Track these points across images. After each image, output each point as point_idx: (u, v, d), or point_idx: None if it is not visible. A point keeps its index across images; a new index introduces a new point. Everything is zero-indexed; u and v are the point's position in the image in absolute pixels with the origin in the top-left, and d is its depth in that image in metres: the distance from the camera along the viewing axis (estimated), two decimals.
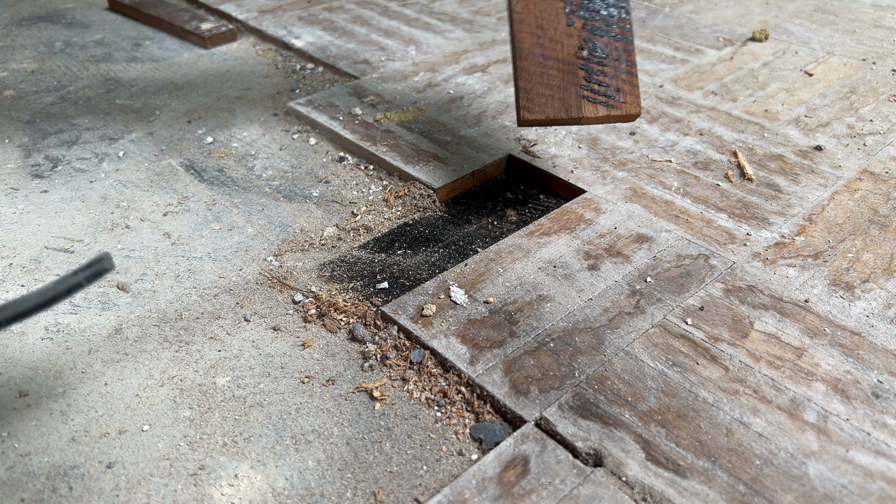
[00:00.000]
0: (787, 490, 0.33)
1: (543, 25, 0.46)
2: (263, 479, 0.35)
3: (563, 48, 0.46)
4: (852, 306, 0.45)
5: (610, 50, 0.46)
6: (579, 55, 0.45)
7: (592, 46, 0.45)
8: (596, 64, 0.45)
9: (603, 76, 0.45)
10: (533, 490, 0.33)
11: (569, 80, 0.45)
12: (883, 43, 0.83)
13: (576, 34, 0.46)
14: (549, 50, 0.45)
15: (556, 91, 0.45)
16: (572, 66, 0.45)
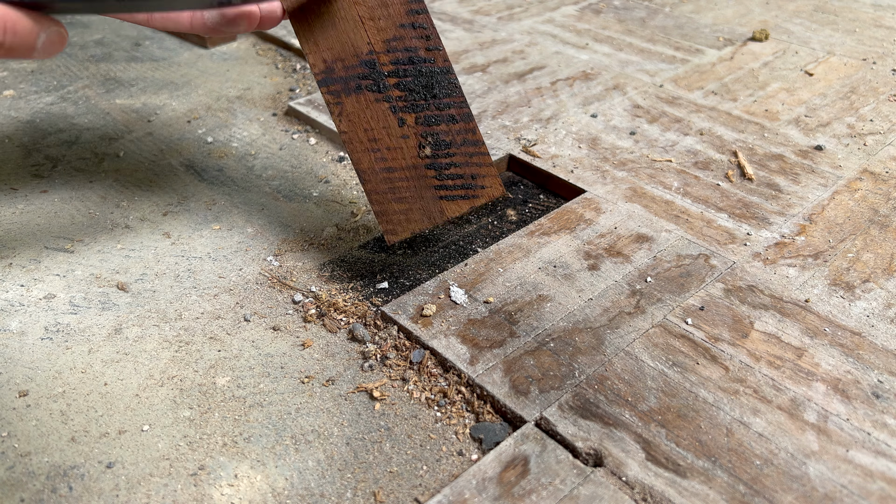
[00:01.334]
0: (787, 490, 0.33)
1: (376, 136, 0.42)
2: (263, 480, 0.35)
3: (404, 153, 0.42)
4: (852, 306, 0.45)
5: (452, 136, 0.42)
6: (422, 155, 0.42)
7: (433, 140, 0.42)
8: (443, 157, 0.42)
9: (454, 167, 0.42)
10: (533, 490, 0.33)
11: (420, 185, 0.42)
12: (883, 43, 0.83)
13: (412, 133, 0.42)
14: (390, 161, 0.42)
15: (413, 202, 0.42)
16: (419, 169, 0.42)
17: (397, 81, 0.41)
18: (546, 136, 0.62)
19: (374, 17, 0.42)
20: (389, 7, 0.42)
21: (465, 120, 0.42)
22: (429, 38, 0.42)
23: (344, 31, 0.41)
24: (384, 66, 0.41)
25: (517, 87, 0.71)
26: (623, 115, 0.66)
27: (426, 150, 0.42)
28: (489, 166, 0.42)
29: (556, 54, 0.78)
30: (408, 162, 0.42)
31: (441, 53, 0.42)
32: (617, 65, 0.77)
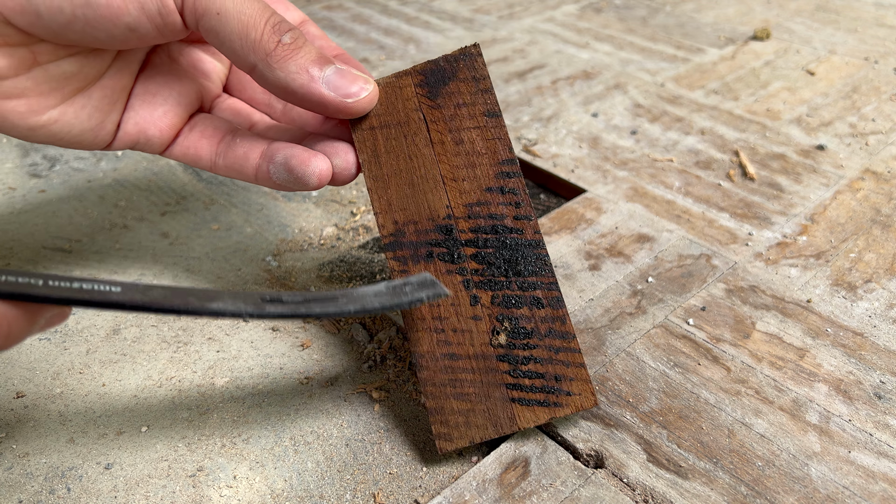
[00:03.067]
0: (789, 491, 0.33)
1: (442, 315, 0.34)
2: (262, 481, 0.34)
3: (473, 338, 0.34)
4: (854, 306, 0.44)
5: (535, 323, 0.34)
6: (495, 343, 0.34)
7: (510, 326, 0.34)
8: (520, 349, 0.34)
9: (533, 363, 0.34)
10: (534, 492, 0.33)
11: (489, 380, 0.34)
12: (885, 42, 0.83)
13: (485, 314, 0.34)
14: (455, 346, 0.34)
15: (476, 402, 0.34)
16: (490, 360, 0.34)
17: (475, 252, 0.35)
18: (547, 136, 0.62)
19: (458, 178, 0.35)
20: (477, 168, 0.35)
21: (553, 306, 0.34)
22: (518, 206, 0.35)
23: (422, 192, 0.35)
24: (462, 232, 0.35)
25: (517, 85, 0.71)
26: (624, 115, 0.66)
27: (500, 338, 0.34)
28: (579, 367, 0.34)
29: (557, 53, 0.78)
30: (476, 350, 0.34)
31: (532, 224, 0.34)
32: (618, 64, 0.76)
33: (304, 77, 0.32)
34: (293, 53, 0.32)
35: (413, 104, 0.36)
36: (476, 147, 0.35)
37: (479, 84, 0.36)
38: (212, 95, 0.40)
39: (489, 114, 0.35)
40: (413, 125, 0.36)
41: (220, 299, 0.30)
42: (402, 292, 0.32)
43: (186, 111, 0.37)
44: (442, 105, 0.36)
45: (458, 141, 0.35)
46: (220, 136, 0.37)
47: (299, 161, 0.34)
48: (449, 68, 0.36)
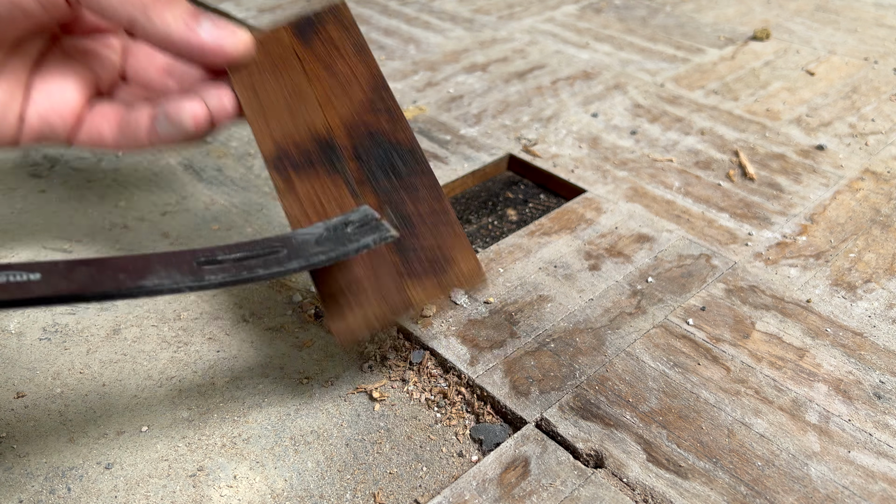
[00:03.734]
0: (788, 491, 0.33)
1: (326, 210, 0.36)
2: (262, 481, 0.34)
3: None
4: (854, 306, 0.45)
5: (419, 211, 0.36)
6: None
7: (393, 212, 0.36)
8: (405, 235, 0.36)
9: (419, 245, 0.36)
10: (533, 491, 0.33)
11: (380, 268, 0.35)
12: (885, 42, 0.83)
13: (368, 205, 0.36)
14: None
15: (371, 292, 0.35)
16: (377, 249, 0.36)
17: (355, 158, 0.37)
18: (546, 136, 0.62)
19: (334, 101, 0.38)
20: (351, 91, 0.38)
21: (433, 195, 0.36)
22: (392, 118, 0.38)
23: (300, 115, 0.38)
24: (343, 147, 0.37)
25: (517, 86, 0.71)
26: (624, 115, 0.66)
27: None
28: (465, 248, 0.36)
29: (557, 53, 0.78)
30: None
31: (407, 133, 0.37)
32: (618, 64, 0.76)
33: (182, 26, 0.34)
34: (168, 5, 0.34)
35: (288, 49, 0.39)
36: (348, 74, 0.39)
37: (345, 26, 0.40)
38: (109, 83, 0.41)
39: (357, 48, 0.39)
40: (289, 65, 0.39)
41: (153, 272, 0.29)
42: (345, 237, 0.33)
43: (85, 97, 0.39)
44: (314, 46, 0.39)
45: (332, 72, 0.39)
46: (119, 115, 0.39)
47: (175, 108, 0.36)
48: (317, 17, 0.40)
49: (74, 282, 0.28)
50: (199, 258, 0.31)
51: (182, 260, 0.30)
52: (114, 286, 0.28)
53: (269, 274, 0.31)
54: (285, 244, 0.32)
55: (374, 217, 0.34)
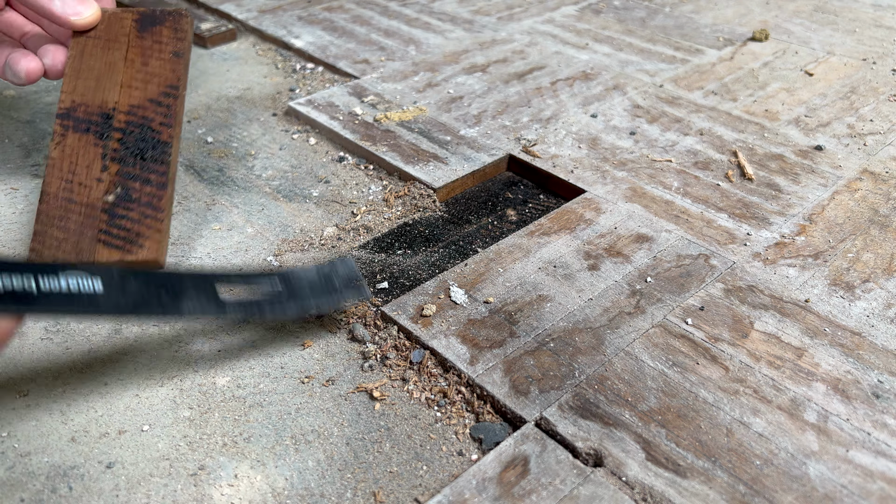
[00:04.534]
0: (787, 490, 0.33)
1: (76, 171, 0.45)
2: (263, 480, 0.35)
3: (91, 193, 0.44)
4: (852, 306, 0.45)
5: (140, 195, 0.44)
6: (105, 200, 0.44)
7: (122, 192, 0.44)
8: (121, 208, 0.44)
9: (126, 220, 0.43)
10: (533, 490, 0.33)
11: (87, 224, 0.43)
12: (883, 43, 0.83)
13: (107, 179, 0.44)
14: (75, 195, 0.44)
15: (72, 235, 0.43)
16: (95, 210, 0.44)
17: (121, 137, 0.46)
18: (546, 136, 0.62)
19: (133, 87, 0.47)
20: (150, 84, 0.47)
21: (158, 187, 0.44)
22: (167, 116, 0.46)
23: (102, 87, 0.47)
24: (118, 122, 0.46)
25: (517, 87, 0.71)
26: (623, 115, 0.66)
27: (110, 197, 0.44)
28: (158, 233, 0.43)
29: (556, 54, 0.78)
30: (89, 200, 0.44)
31: (169, 131, 0.46)
32: (617, 65, 0.77)
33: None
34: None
35: (125, 31, 0.49)
36: (156, 71, 0.48)
37: (178, 34, 0.49)
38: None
39: (175, 54, 0.48)
40: (118, 44, 0.48)
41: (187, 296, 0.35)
42: (332, 288, 0.41)
43: None
44: (145, 38, 0.49)
45: (146, 63, 0.48)
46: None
47: (14, 61, 0.48)
48: (160, 17, 0.50)
49: (131, 297, 0.33)
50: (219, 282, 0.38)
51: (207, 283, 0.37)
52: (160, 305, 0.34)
53: (273, 316, 0.39)
54: (284, 282, 0.40)
55: (356, 274, 0.43)
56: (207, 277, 0.37)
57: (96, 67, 0.48)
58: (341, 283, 0.42)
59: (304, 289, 0.40)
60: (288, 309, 0.39)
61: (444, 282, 0.46)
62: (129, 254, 0.42)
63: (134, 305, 0.33)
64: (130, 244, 0.43)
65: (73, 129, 0.46)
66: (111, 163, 0.45)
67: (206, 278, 0.37)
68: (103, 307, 0.32)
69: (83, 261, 0.42)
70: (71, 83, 0.47)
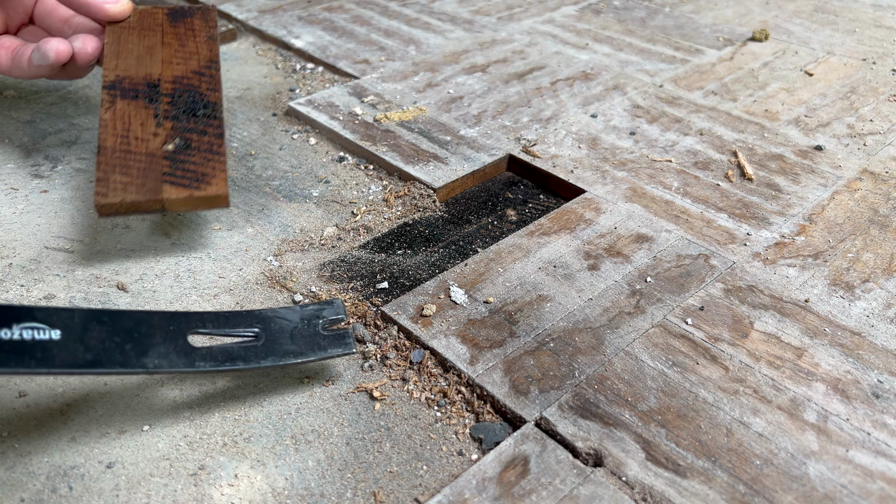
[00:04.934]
0: (787, 490, 0.33)
1: (130, 128, 0.47)
2: (263, 479, 0.35)
3: (149, 145, 0.46)
4: (852, 306, 0.45)
5: (199, 143, 0.46)
6: (165, 149, 0.46)
7: (180, 142, 0.46)
8: (182, 155, 0.46)
9: (189, 164, 0.45)
10: (533, 490, 0.33)
11: (151, 168, 0.45)
12: (883, 43, 0.83)
13: (163, 133, 0.47)
14: (133, 147, 0.46)
15: (136, 178, 0.44)
16: (156, 157, 0.45)
17: (170, 100, 0.49)
18: (546, 136, 0.62)
19: (174, 63, 0.51)
20: (190, 60, 0.52)
21: (216, 137, 0.47)
22: (211, 84, 0.50)
23: (144, 64, 0.51)
24: (165, 89, 0.49)
25: (517, 87, 0.71)
26: (623, 115, 0.66)
27: (170, 146, 0.46)
28: (222, 171, 0.45)
29: (556, 54, 0.78)
30: (149, 150, 0.46)
31: (217, 94, 0.50)
32: (617, 65, 0.77)
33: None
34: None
35: (157, 22, 0.54)
36: (194, 50, 0.53)
37: (208, 23, 0.55)
38: (18, 23, 0.55)
39: (210, 38, 0.54)
40: (153, 32, 0.53)
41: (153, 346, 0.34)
42: (315, 338, 0.38)
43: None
44: (178, 27, 0.54)
45: (182, 45, 0.53)
46: (15, 47, 0.52)
47: (45, 42, 0.49)
48: (189, 11, 0.56)
49: (90, 350, 0.32)
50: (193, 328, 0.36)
51: (178, 332, 0.35)
52: (120, 361, 0.32)
53: (247, 368, 0.36)
54: (264, 328, 0.37)
55: (343, 318, 0.40)
56: (180, 322, 0.35)
57: (135, 50, 0.51)
58: (326, 331, 0.39)
59: (284, 335, 0.38)
60: (264, 361, 0.37)
61: (444, 282, 0.46)
62: (197, 190, 0.44)
63: (93, 360, 0.31)
64: (198, 181, 0.44)
65: (121, 97, 0.48)
66: (165, 120, 0.47)
67: (178, 323, 0.35)
68: (58, 362, 0.30)
69: (150, 199, 0.43)
70: (112, 62, 0.50)
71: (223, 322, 0.37)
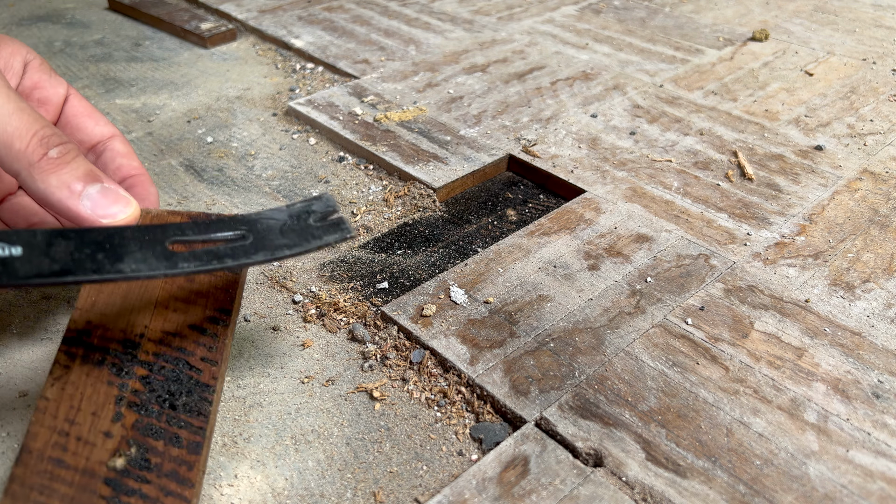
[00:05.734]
0: (787, 490, 0.33)
1: (77, 420, 0.31)
2: (263, 480, 0.35)
3: (92, 454, 0.31)
4: (852, 306, 0.45)
5: (162, 461, 0.31)
6: (110, 465, 0.30)
7: (137, 454, 0.31)
8: (133, 479, 0.30)
9: (138, 498, 0.30)
10: (533, 490, 0.33)
11: (78, 499, 0.29)
12: (883, 43, 0.83)
13: (119, 434, 0.31)
14: (69, 455, 0.30)
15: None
16: (94, 480, 0.30)
17: (146, 374, 0.33)
18: (546, 136, 0.62)
19: (170, 308, 0.35)
20: (193, 306, 0.36)
21: (189, 450, 0.32)
22: (211, 350, 0.35)
23: (129, 307, 0.35)
24: (145, 353, 0.34)
25: (517, 87, 0.71)
26: (623, 115, 0.66)
27: (119, 461, 0.31)
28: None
29: (556, 54, 0.78)
30: (89, 465, 0.30)
31: (213, 370, 0.34)
32: (617, 65, 0.77)
33: (64, 192, 0.33)
34: (58, 168, 0.33)
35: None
36: (203, 290, 0.36)
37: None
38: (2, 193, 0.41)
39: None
40: None
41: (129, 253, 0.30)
42: (308, 230, 0.33)
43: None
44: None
45: (191, 280, 0.36)
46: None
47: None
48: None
49: (56, 261, 0.28)
50: (171, 236, 0.32)
51: (155, 240, 0.31)
52: (93, 268, 0.29)
53: (237, 265, 0.31)
54: (251, 228, 0.33)
55: (335, 209, 0.34)
56: (156, 232, 0.31)
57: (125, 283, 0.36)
58: (317, 220, 0.34)
59: (273, 232, 0.33)
60: (255, 257, 0.32)
61: (444, 282, 0.46)
62: None
63: (61, 270, 0.28)
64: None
65: (83, 360, 0.33)
66: (127, 410, 0.32)
67: (154, 233, 0.31)
68: (21, 273, 0.27)
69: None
70: (90, 298, 0.35)
71: (204, 228, 0.32)
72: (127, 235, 0.31)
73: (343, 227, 0.34)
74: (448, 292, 0.45)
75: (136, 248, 0.30)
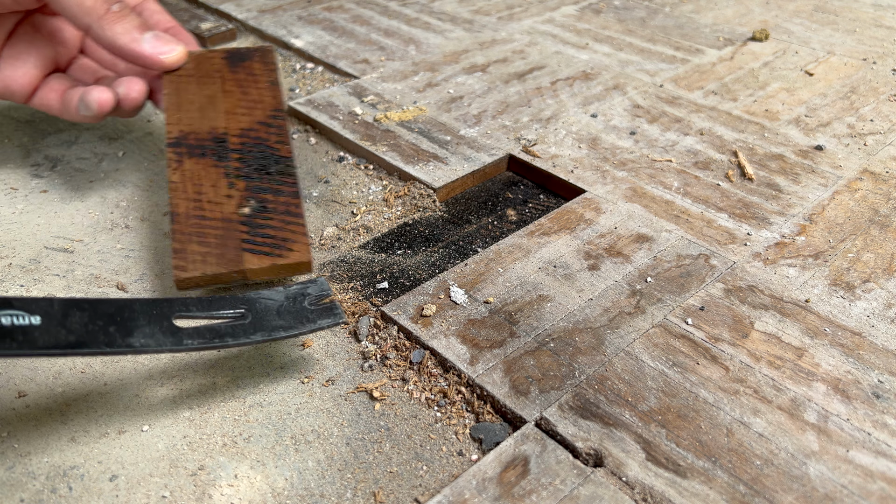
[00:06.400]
0: (787, 490, 0.33)
1: (202, 191, 0.44)
2: (263, 480, 0.35)
3: (223, 209, 0.43)
4: (853, 306, 0.45)
5: (276, 205, 0.44)
6: (241, 212, 0.43)
7: (256, 204, 0.44)
8: (259, 219, 0.43)
9: (268, 228, 0.42)
10: (533, 490, 0.33)
11: (228, 235, 0.42)
12: (883, 43, 0.83)
13: (237, 194, 0.44)
14: (207, 212, 0.43)
15: (214, 248, 0.41)
16: (233, 223, 0.43)
17: (240, 157, 0.46)
18: (546, 136, 0.62)
19: (238, 113, 0.48)
20: (255, 110, 0.48)
21: (291, 196, 0.44)
22: (280, 135, 0.47)
23: (207, 117, 0.48)
24: (232, 143, 0.46)
25: (517, 86, 0.71)
26: (623, 115, 0.66)
27: (245, 209, 0.43)
28: (303, 236, 0.43)
29: (556, 54, 0.78)
30: (224, 215, 0.43)
31: (287, 148, 0.47)
32: (617, 65, 0.76)
33: (127, 37, 0.45)
34: (120, 19, 0.45)
35: (216, 68, 0.51)
36: (257, 98, 0.49)
37: (268, 66, 0.52)
38: (68, 57, 0.53)
39: (271, 83, 0.50)
40: (212, 79, 0.50)
41: (138, 327, 0.33)
42: (303, 312, 0.38)
43: (42, 72, 0.50)
44: (238, 72, 0.51)
45: (244, 93, 0.49)
46: (65, 88, 0.50)
47: (87, 93, 0.47)
48: (248, 53, 0.52)
49: (72, 332, 0.31)
50: (176, 311, 0.35)
51: (162, 315, 0.35)
52: (105, 341, 0.32)
53: (237, 343, 0.36)
54: (250, 308, 0.37)
55: (328, 293, 0.39)
56: (163, 307, 0.35)
57: (196, 101, 0.48)
58: (313, 305, 0.39)
59: (270, 313, 0.37)
60: (253, 337, 0.36)
61: (444, 282, 0.46)
62: (280, 258, 0.41)
63: (76, 342, 0.31)
64: (279, 248, 0.42)
65: (188, 155, 0.45)
66: (237, 179, 0.44)
67: (161, 308, 0.35)
68: (40, 343, 0.30)
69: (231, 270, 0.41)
70: (174, 115, 0.47)
71: (207, 305, 0.37)
72: (136, 309, 0.34)
73: (336, 313, 0.38)
74: (448, 292, 0.45)
75: (145, 322, 0.34)
